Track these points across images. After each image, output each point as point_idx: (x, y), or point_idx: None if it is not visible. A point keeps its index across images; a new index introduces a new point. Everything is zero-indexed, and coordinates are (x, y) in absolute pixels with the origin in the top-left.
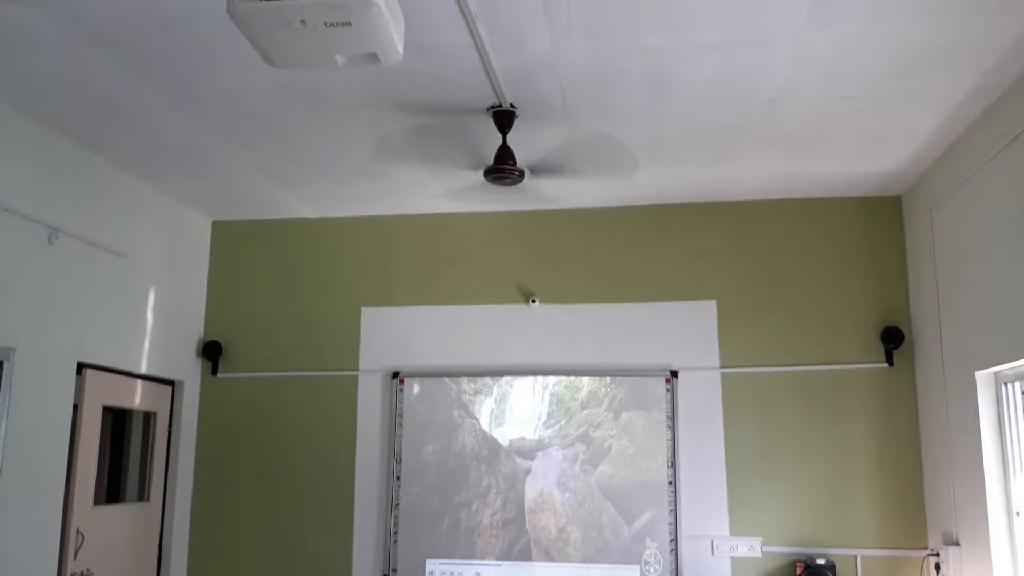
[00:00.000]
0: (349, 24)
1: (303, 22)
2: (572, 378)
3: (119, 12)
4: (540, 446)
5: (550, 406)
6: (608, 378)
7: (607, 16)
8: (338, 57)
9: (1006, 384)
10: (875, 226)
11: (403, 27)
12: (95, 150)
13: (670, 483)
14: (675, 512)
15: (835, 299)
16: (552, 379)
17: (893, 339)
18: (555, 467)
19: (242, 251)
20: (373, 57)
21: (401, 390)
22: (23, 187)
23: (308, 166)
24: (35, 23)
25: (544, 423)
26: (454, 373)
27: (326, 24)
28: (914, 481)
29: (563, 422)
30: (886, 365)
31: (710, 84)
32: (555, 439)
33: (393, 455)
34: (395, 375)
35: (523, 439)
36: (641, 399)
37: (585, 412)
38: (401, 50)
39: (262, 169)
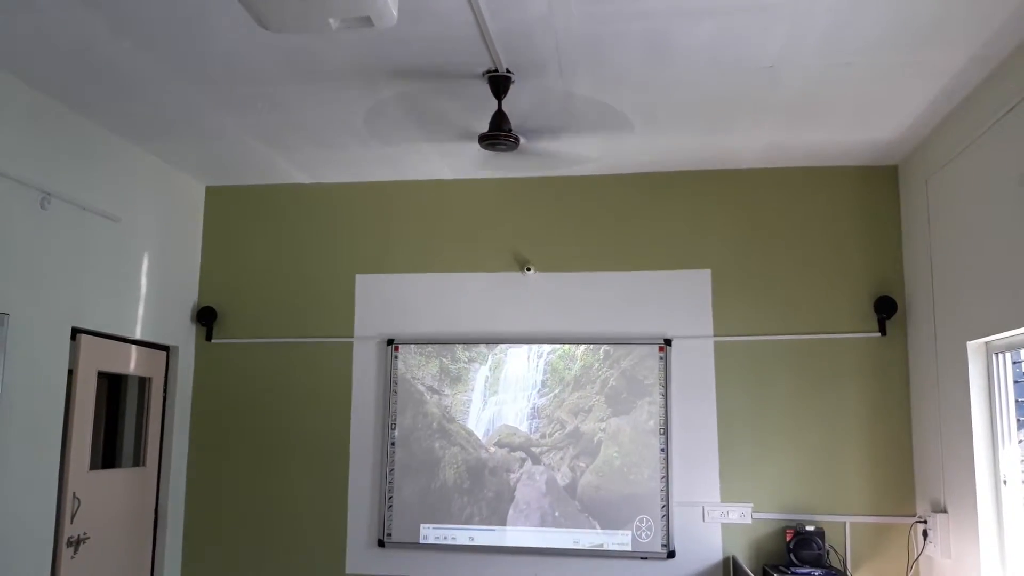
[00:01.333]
0: None
1: None
2: (566, 348)
3: None
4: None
5: (544, 374)
6: (601, 354)
7: None
8: (331, 20)
9: (997, 354)
10: (871, 195)
11: None
12: (89, 114)
13: (662, 450)
14: (667, 478)
15: (829, 268)
16: (547, 348)
17: (886, 309)
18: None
19: (237, 216)
20: (367, 21)
21: (396, 357)
22: (16, 151)
23: (303, 131)
24: None
25: (538, 392)
26: (448, 340)
27: None
28: (904, 449)
29: (557, 390)
30: (879, 334)
31: (708, 50)
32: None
33: (388, 421)
34: (390, 342)
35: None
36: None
37: (576, 395)
38: (395, 13)
39: (257, 134)
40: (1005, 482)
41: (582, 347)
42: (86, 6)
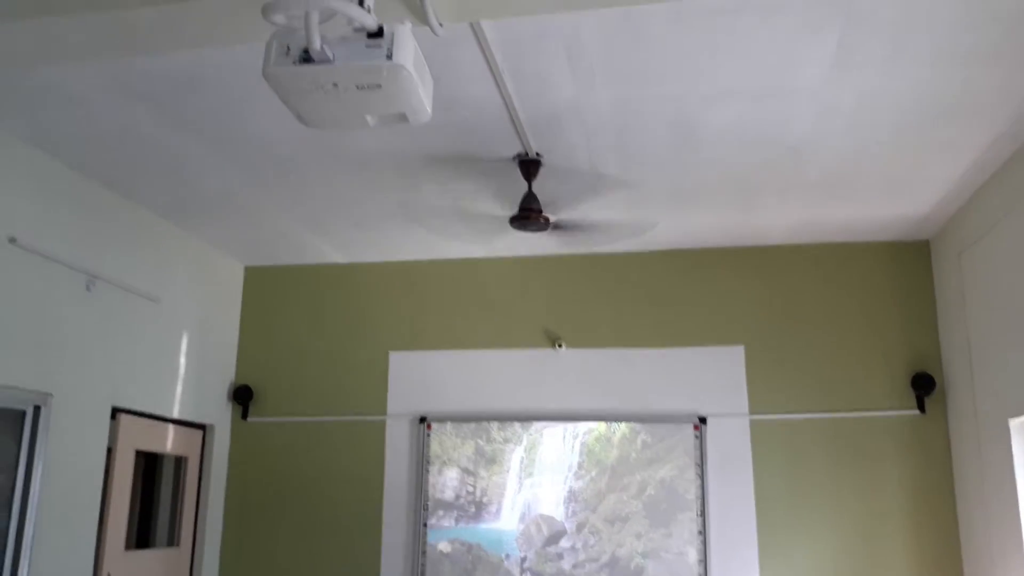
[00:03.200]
0: (379, 87)
1: (335, 85)
2: (601, 430)
3: (158, 69)
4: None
5: (580, 456)
6: (639, 444)
7: (629, 65)
8: (368, 117)
9: None
10: (904, 270)
11: (431, 88)
12: (134, 198)
13: (700, 532)
14: (705, 561)
15: (864, 344)
16: (583, 428)
17: (924, 385)
18: None
19: (274, 296)
20: (402, 117)
21: (428, 435)
22: (64, 236)
23: (339, 213)
24: (79, 81)
25: (575, 474)
26: (480, 418)
27: (357, 87)
28: (949, 531)
29: (593, 473)
30: (917, 412)
31: (734, 131)
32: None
33: (420, 500)
34: (422, 420)
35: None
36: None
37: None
38: (429, 110)
39: (294, 216)
40: None
41: (618, 433)
42: (131, 98)
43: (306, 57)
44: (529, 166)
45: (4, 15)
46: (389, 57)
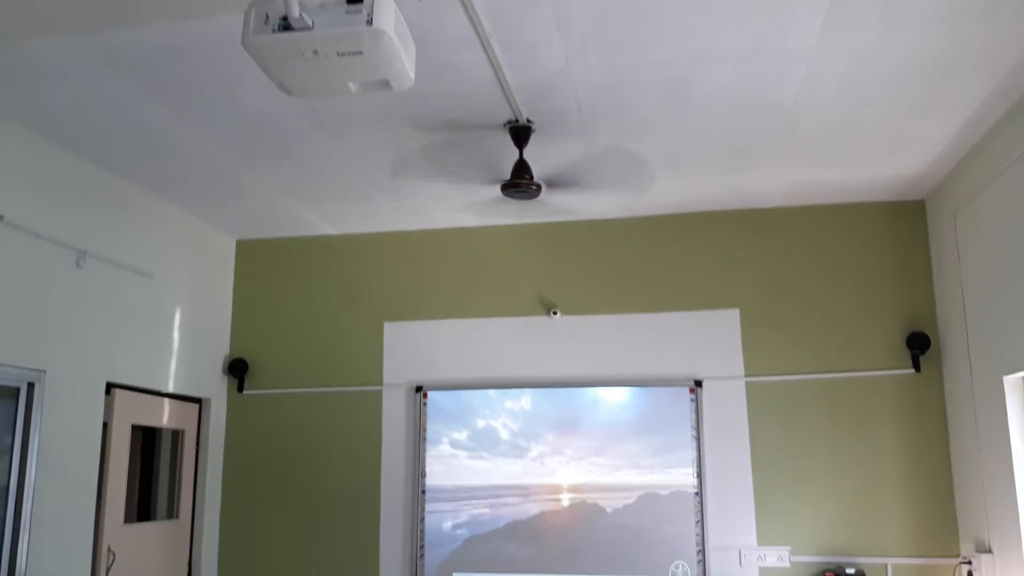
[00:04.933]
0: (360, 53)
1: (315, 52)
2: (599, 395)
3: (143, 41)
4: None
5: (578, 422)
6: (636, 406)
7: (620, 30)
8: (351, 84)
9: None
10: (899, 230)
11: (414, 53)
12: (122, 174)
13: (696, 493)
14: (702, 523)
15: (859, 305)
16: (579, 394)
17: (919, 344)
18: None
19: (266, 269)
20: (385, 84)
21: (425, 404)
22: (52, 212)
23: (330, 185)
24: (63, 54)
25: (573, 439)
26: (476, 386)
27: (338, 54)
28: (945, 488)
29: (590, 439)
30: (913, 371)
31: (727, 94)
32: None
33: (418, 469)
34: (418, 389)
35: (553, 473)
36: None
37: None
38: (412, 76)
39: (285, 189)
40: None
41: (615, 398)
42: (118, 72)
43: (285, 25)
44: (520, 133)
45: None
46: (369, 23)
